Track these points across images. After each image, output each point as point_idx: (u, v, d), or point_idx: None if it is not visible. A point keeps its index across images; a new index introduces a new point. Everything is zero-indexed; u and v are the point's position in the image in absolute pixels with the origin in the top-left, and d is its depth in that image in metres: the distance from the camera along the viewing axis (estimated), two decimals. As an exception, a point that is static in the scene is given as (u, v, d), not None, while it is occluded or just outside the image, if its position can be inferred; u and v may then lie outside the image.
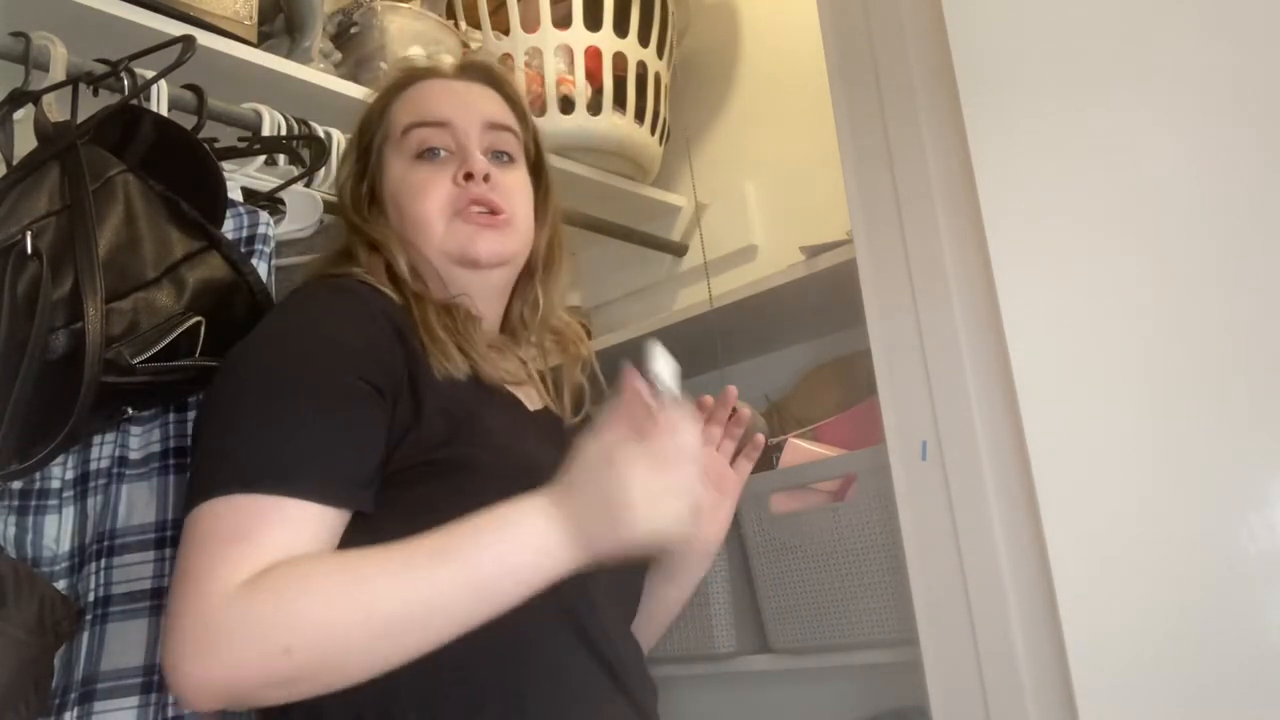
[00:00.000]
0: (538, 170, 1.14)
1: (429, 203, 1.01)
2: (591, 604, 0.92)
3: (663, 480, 0.80)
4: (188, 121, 1.17)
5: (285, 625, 0.73)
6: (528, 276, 1.11)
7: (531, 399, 1.06)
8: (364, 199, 1.07)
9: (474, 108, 1.06)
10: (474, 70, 1.12)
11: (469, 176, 1.01)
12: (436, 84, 1.09)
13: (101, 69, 1.13)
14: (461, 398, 0.92)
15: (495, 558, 0.77)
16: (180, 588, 0.76)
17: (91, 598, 1.00)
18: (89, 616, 0.99)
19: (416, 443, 0.87)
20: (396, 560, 0.77)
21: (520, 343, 1.11)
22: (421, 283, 1.00)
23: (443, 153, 1.04)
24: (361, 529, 0.82)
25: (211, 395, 0.90)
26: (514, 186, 1.06)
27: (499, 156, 1.06)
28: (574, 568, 0.80)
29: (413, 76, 1.10)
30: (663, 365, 0.84)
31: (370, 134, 1.09)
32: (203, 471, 0.83)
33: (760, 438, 1.12)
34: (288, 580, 0.75)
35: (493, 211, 1.02)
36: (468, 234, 1.01)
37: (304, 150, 1.34)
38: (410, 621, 0.76)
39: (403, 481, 0.86)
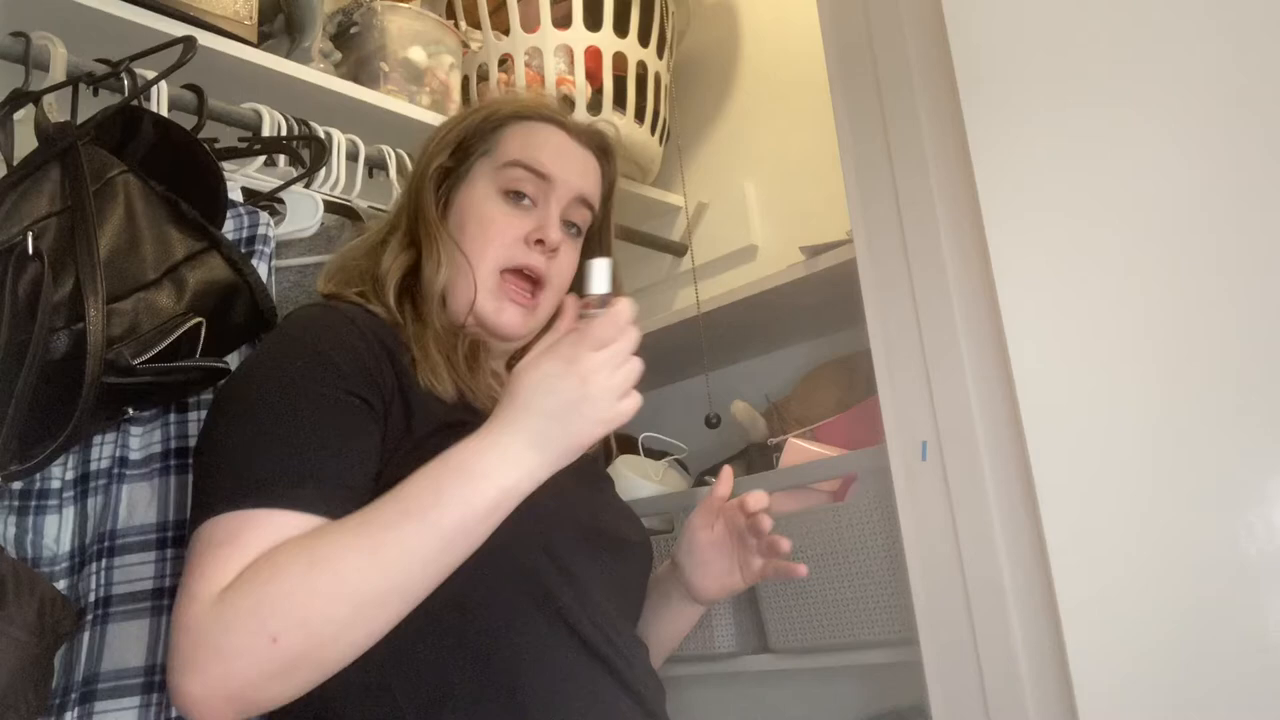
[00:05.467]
0: (603, 234, 1.17)
1: (493, 243, 1.05)
2: (584, 603, 0.93)
3: (608, 380, 0.82)
4: (188, 121, 1.17)
5: (267, 613, 0.73)
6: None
7: None
8: (442, 195, 1.10)
9: (577, 177, 1.10)
10: (594, 137, 1.15)
11: (540, 243, 1.05)
12: (557, 134, 1.11)
13: (102, 69, 1.13)
14: (453, 410, 0.95)
15: (460, 507, 0.78)
16: (175, 604, 0.78)
17: (92, 598, 1.00)
18: (89, 617, 0.99)
19: (414, 448, 0.88)
20: (362, 528, 0.77)
21: None
22: (442, 300, 1.03)
23: (527, 200, 1.07)
24: None
25: (209, 417, 0.93)
26: (567, 265, 1.10)
27: (569, 227, 1.10)
28: (537, 484, 0.81)
29: (540, 112, 1.12)
30: (600, 282, 0.88)
31: (473, 140, 1.11)
32: (198, 495, 0.86)
33: (785, 544, 1.11)
34: (260, 570, 0.76)
35: (535, 287, 1.05)
36: (499, 305, 1.04)
37: (304, 150, 1.34)
38: (387, 584, 0.76)
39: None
